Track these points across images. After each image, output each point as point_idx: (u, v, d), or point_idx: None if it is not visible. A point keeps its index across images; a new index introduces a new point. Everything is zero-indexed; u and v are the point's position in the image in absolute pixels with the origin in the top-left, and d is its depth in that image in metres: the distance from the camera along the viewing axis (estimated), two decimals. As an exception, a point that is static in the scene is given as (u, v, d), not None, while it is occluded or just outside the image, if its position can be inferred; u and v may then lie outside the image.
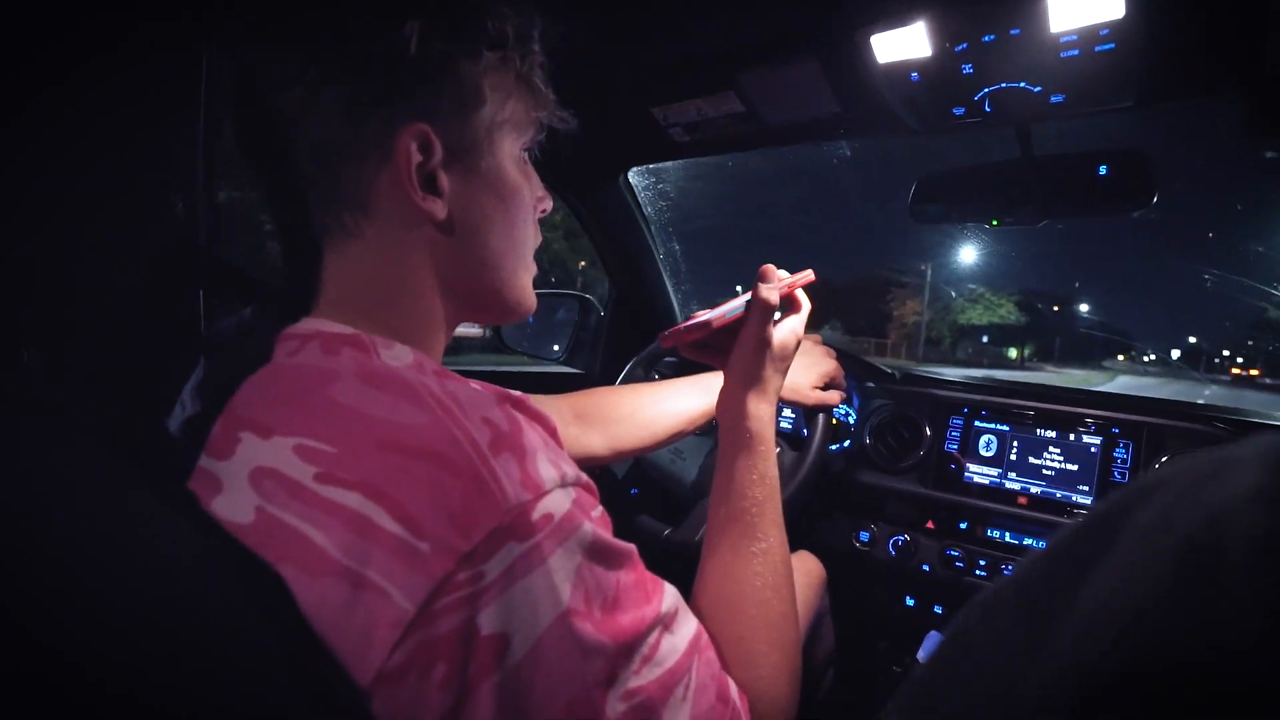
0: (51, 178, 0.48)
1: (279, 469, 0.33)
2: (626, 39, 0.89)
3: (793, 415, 1.30)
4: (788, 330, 0.59)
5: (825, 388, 0.98)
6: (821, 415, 0.99)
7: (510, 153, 0.46)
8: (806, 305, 0.62)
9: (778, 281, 0.58)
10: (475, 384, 0.39)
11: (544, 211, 0.52)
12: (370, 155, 0.41)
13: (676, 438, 0.90)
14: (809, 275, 0.62)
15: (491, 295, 0.48)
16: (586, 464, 0.84)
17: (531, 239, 0.50)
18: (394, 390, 0.35)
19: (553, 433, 0.40)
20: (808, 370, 0.94)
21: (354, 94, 0.40)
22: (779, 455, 1.05)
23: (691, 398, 0.90)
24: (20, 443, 0.30)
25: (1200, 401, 1.12)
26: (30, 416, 0.33)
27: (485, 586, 0.31)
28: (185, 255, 0.63)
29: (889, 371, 1.26)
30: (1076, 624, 0.20)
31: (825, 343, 1.02)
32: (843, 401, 0.99)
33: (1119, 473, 0.97)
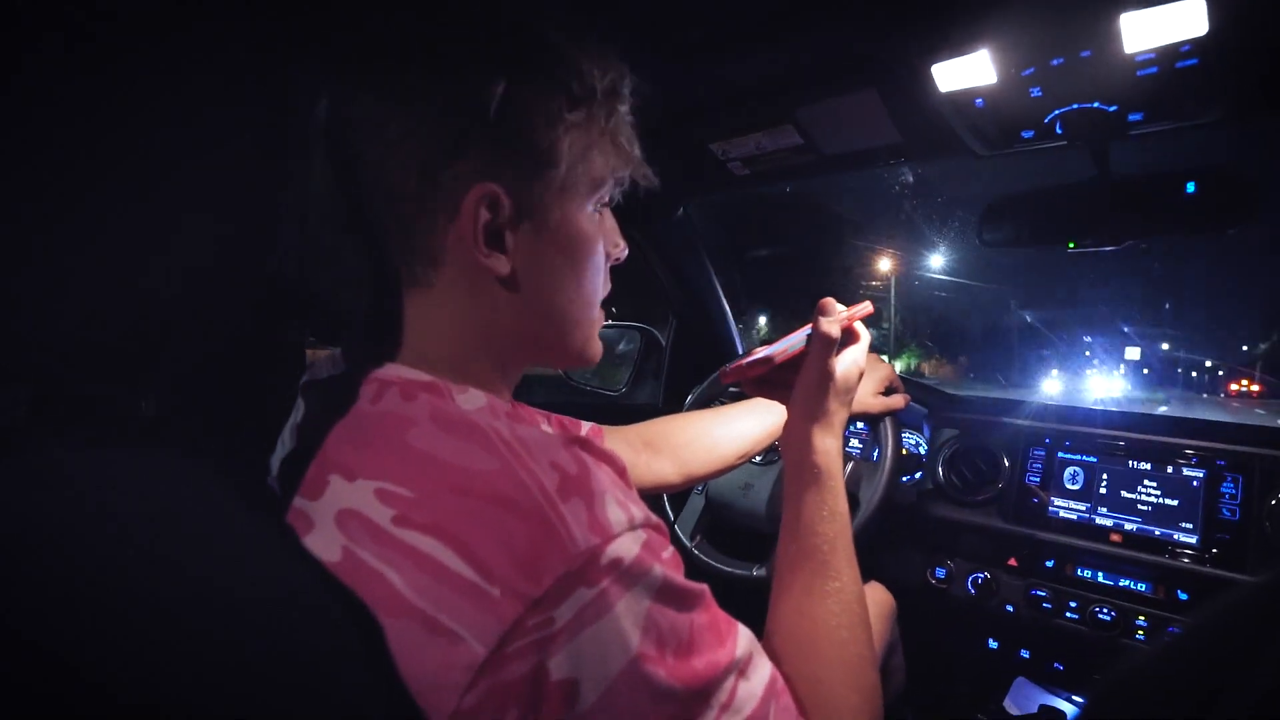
0: (156, 218, 0.54)
1: (361, 511, 0.35)
2: (684, 75, 0.91)
3: (859, 445, 1.27)
4: (849, 362, 0.58)
5: (885, 394, 0.96)
6: (890, 428, 0.96)
7: (583, 208, 0.46)
8: (866, 336, 0.61)
9: (837, 314, 0.58)
10: (546, 424, 0.40)
11: (618, 259, 0.52)
12: (441, 210, 0.42)
13: (742, 459, 0.91)
14: (868, 307, 0.62)
15: (556, 346, 0.49)
16: (660, 491, 0.87)
17: (600, 290, 0.50)
18: (465, 435, 0.37)
19: (622, 473, 0.40)
20: (866, 379, 0.93)
21: (430, 149, 0.41)
22: (852, 470, 1.03)
23: (753, 420, 0.92)
24: (140, 477, 0.34)
25: None
26: (150, 452, 0.36)
27: (555, 632, 0.32)
28: (284, 293, 0.68)
29: (961, 398, 1.21)
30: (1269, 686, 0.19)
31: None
32: (906, 404, 0.96)
33: (1228, 510, 0.89)
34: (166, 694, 0.27)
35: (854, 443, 1.27)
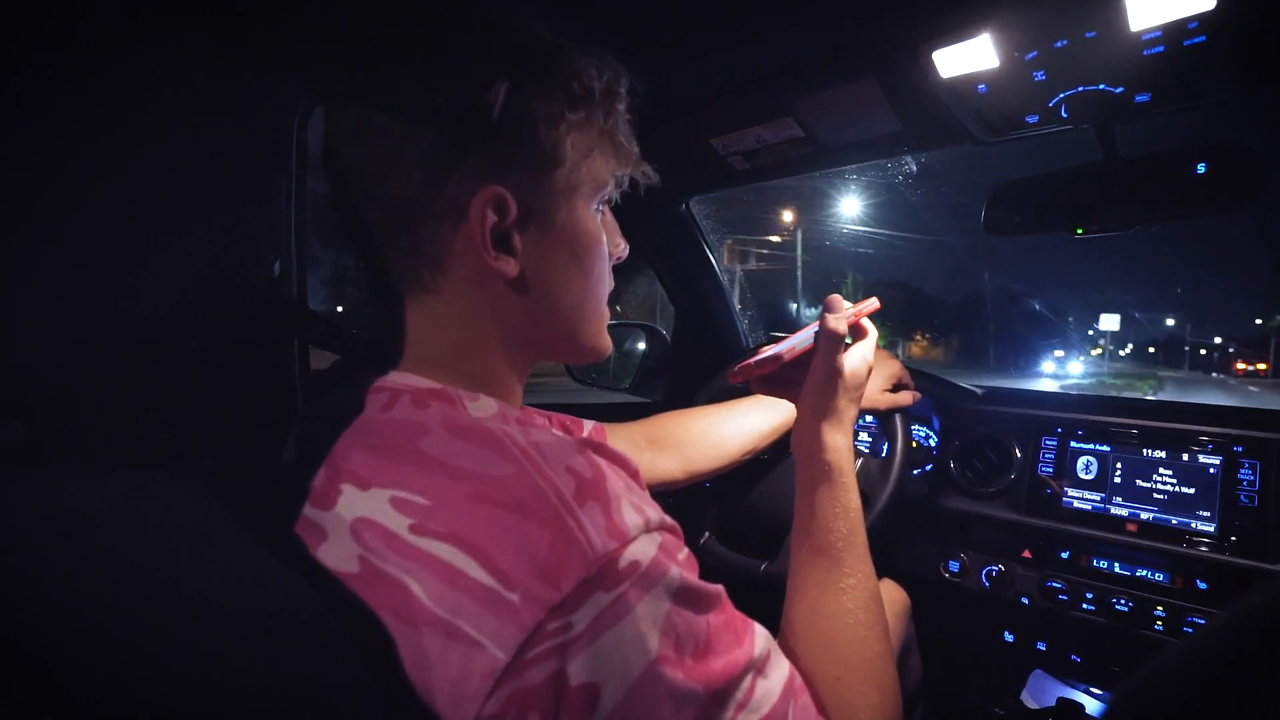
0: (148, 236, 0.54)
1: (377, 520, 0.35)
2: (682, 71, 0.90)
3: (869, 440, 1.25)
4: (858, 358, 0.58)
5: (894, 390, 0.96)
6: (900, 423, 0.95)
7: (587, 207, 0.46)
8: (874, 332, 0.61)
9: (844, 311, 0.57)
10: (558, 425, 0.40)
11: (620, 258, 0.52)
12: (447, 214, 0.42)
13: (748, 455, 0.92)
14: (874, 303, 0.61)
15: (565, 344, 0.49)
16: (664, 488, 0.87)
17: (606, 288, 0.50)
18: (481, 442, 0.36)
19: (634, 475, 0.40)
20: (874, 375, 0.92)
21: (434, 153, 0.41)
22: (861, 467, 1.02)
23: (758, 416, 0.92)
24: (135, 495, 0.33)
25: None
26: (146, 470, 0.36)
27: (574, 637, 0.32)
28: (280, 308, 0.68)
29: (972, 389, 1.20)
30: None
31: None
32: (915, 401, 0.96)
33: (1246, 496, 0.88)
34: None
35: (863, 436, 1.26)
